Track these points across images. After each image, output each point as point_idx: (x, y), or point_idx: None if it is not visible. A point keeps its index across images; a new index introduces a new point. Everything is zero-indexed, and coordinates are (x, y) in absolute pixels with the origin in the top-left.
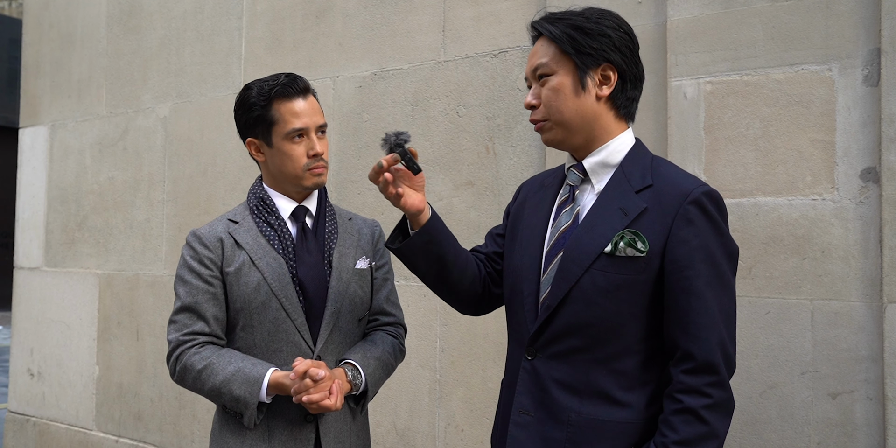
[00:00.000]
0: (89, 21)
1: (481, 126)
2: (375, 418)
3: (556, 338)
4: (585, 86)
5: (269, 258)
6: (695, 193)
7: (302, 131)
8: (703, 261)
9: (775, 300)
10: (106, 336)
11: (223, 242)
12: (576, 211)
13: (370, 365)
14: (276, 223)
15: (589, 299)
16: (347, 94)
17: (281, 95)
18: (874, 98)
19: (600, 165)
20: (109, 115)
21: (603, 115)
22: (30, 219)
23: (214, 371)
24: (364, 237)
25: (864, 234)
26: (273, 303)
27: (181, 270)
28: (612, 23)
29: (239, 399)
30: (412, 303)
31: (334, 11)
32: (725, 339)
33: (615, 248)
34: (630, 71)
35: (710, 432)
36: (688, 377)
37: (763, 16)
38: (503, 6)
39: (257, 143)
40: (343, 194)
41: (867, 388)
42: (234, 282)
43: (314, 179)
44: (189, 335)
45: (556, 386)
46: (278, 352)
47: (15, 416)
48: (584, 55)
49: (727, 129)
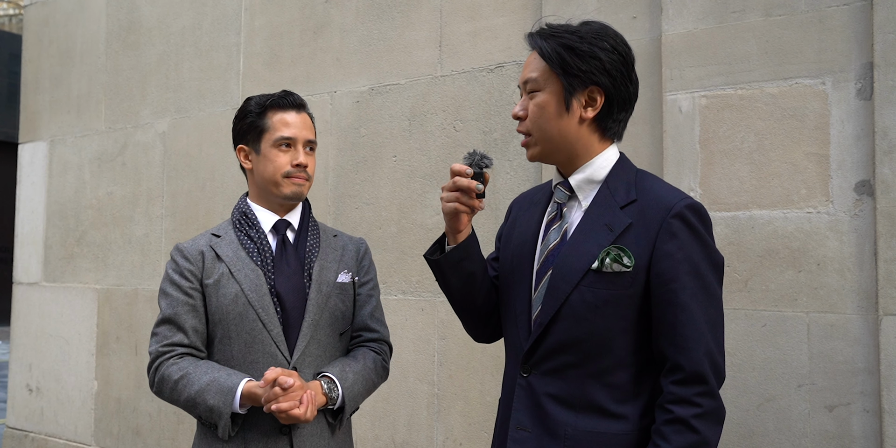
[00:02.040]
0: (88, 37)
1: (478, 140)
2: (374, 432)
3: (550, 354)
4: (570, 107)
5: (247, 270)
6: (677, 207)
7: (290, 141)
8: (687, 273)
9: (771, 313)
10: (105, 351)
11: (204, 255)
12: (563, 228)
13: (348, 379)
14: (256, 236)
15: (579, 315)
16: (345, 109)
17: (276, 106)
18: (867, 111)
19: (586, 182)
20: (108, 130)
21: (585, 137)
22: (29, 234)
23: (190, 381)
24: (348, 253)
25: (859, 247)
26: (250, 314)
27: (164, 283)
28: (606, 44)
29: (213, 409)
30: (410, 317)
31: (332, 27)
32: (713, 349)
33: (602, 265)
34: (619, 94)
35: (702, 441)
36: (677, 388)
37: (757, 30)
38: (499, 21)
39: (247, 150)
40: (341, 209)
41: (864, 401)
42: (212, 293)
43: (292, 187)
44: (168, 346)
45: (552, 401)
46: (255, 363)
47: (14, 432)
48: (572, 76)
49: (722, 142)
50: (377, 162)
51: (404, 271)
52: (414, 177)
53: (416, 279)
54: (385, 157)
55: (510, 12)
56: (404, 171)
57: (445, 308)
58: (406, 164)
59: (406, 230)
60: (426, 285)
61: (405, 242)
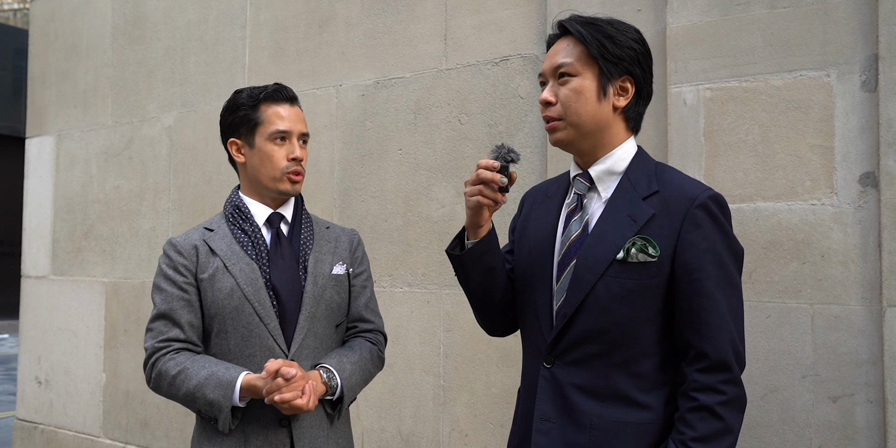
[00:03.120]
0: (94, 32)
1: (483, 133)
2: (380, 423)
3: (574, 344)
4: (607, 93)
5: (242, 264)
6: (701, 198)
7: (285, 134)
8: (711, 263)
9: (776, 304)
10: (113, 344)
11: (198, 249)
12: (585, 219)
13: (346, 369)
14: (250, 229)
15: (604, 306)
16: (350, 103)
17: (269, 99)
18: (872, 103)
19: (606, 173)
20: (115, 124)
21: (614, 125)
22: (37, 228)
23: (188, 376)
24: (342, 245)
25: (864, 239)
26: (246, 308)
27: (157, 279)
28: (635, 36)
29: (213, 403)
30: (416, 309)
31: (337, 21)
32: (736, 337)
33: (627, 255)
34: (646, 87)
35: (726, 428)
36: (702, 375)
37: (761, 23)
38: (504, 15)
39: (239, 144)
40: (347, 202)
41: (867, 392)
42: (207, 288)
43: (290, 185)
44: (164, 342)
45: (577, 391)
46: (252, 357)
47: (23, 424)
48: (611, 63)
49: (727, 134)
50: (382, 155)
51: (410, 264)
52: (419, 170)
53: (422, 272)
54: (390, 150)
55: (515, 5)
56: (410, 165)
57: (451, 300)
58: (411, 158)
59: (411, 223)
60: (432, 278)
61: (411, 235)
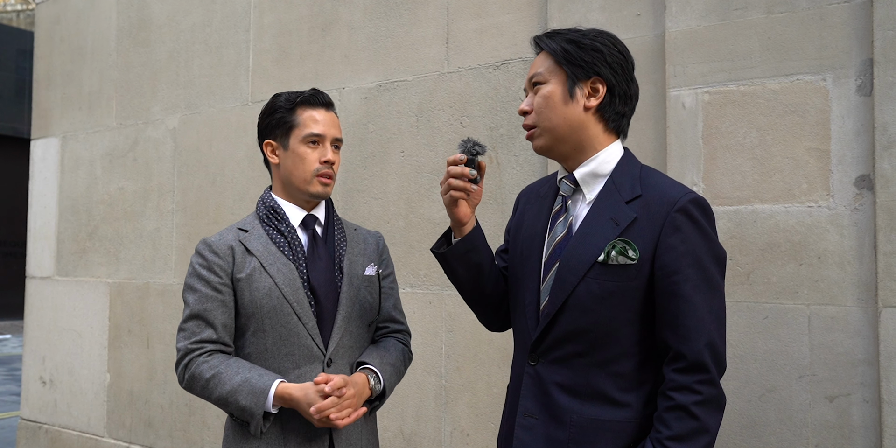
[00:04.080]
0: (99, 34)
1: (484, 136)
2: (383, 423)
3: (557, 344)
4: (574, 95)
5: (279, 264)
6: (682, 201)
7: (318, 138)
8: (690, 265)
9: (773, 305)
10: (117, 344)
11: (234, 250)
12: (569, 221)
13: (387, 371)
14: (287, 230)
15: (585, 306)
16: (353, 106)
17: (306, 103)
18: (867, 107)
19: (591, 176)
20: (119, 126)
21: (590, 126)
22: (41, 229)
23: (222, 381)
24: (370, 246)
25: (859, 240)
26: (285, 307)
27: (190, 279)
28: (607, 40)
29: (245, 409)
30: (418, 310)
31: (340, 24)
32: (715, 339)
33: (608, 257)
34: (619, 86)
35: (702, 427)
36: (679, 375)
37: (759, 27)
38: (505, 19)
39: (274, 145)
40: (349, 204)
41: (863, 391)
42: (245, 287)
43: (320, 188)
44: (197, 343)
45: (558, 389)
46: (290, 355)
47: (27, 424)
48: (575, 66)
49: (725, 138)
50: (385, 157)
51: (412, 265)
52: (421, 172)
53: (424, 273)
54: (393, 152)
55: (516, 10)
56: (412, 167)
57: (453, 301)
58: (413, 160)
59: (414, 224)
60: (434, 279)
61: (413, 236)
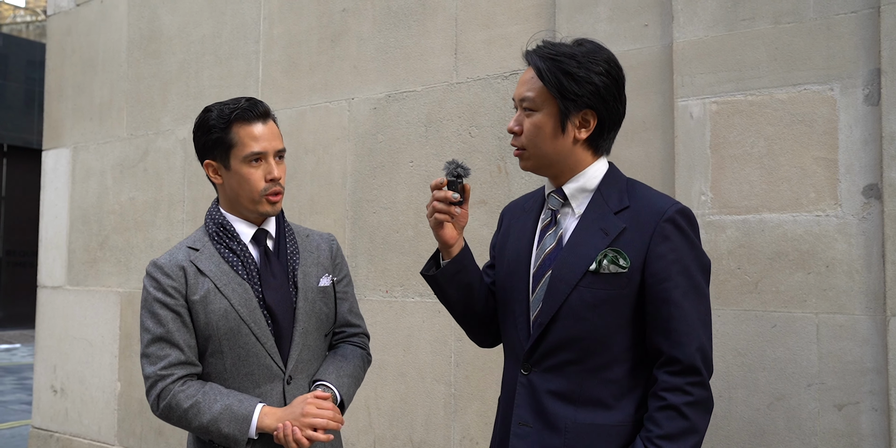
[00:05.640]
0: (110, 46)
1: (493, 146)
2: (392, 432)
3: (550, 352)
4: (565, 129)
5: (234, 284)
6: (669, 212)
7: (260, 155)
8: (679, 273)
9: (781, 314)
10: (127, 353)
11: (185, 270)
12: (559, 233)
13: (344, 383)
14: (238, 248)
15: (578, 315)
16: (362, 116)
17: (241, 119)
18: (875, 117)
19: (579, 191)
20: (130, 137)
21: (578, 154)
22: (53, 239)
23: (201, 410)
24: (323, 253)
25: (868, 249)
26: (242, 329)
27: (147, 303)
28: (601, 68)
29: (228, 437)
30: (427, 319)
31: (349, 35)
32: (704, 343)
33: (599, 266)
34: (611, 116)
35: (691, 428)
36: (671, 377)
37: (766, 38)
38: (513, 29)
39: (215, 166)
40: (359, 213)
41: (872, 400)
42: (200, 310)
43: (269, 207)
44: (166, 369)
45: (552, 397)
46: (250, 375)
47: (39, 432)
48: (568, 100)
49: (733, 147)
50: (394, 167)
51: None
52: (430, 182)
53: None
54: (402, 162)
55: (524, 21)
56: (421, 177)
57: None
58: (422, 170)
59: (422, 234)
60: None
61: (422, 246)
